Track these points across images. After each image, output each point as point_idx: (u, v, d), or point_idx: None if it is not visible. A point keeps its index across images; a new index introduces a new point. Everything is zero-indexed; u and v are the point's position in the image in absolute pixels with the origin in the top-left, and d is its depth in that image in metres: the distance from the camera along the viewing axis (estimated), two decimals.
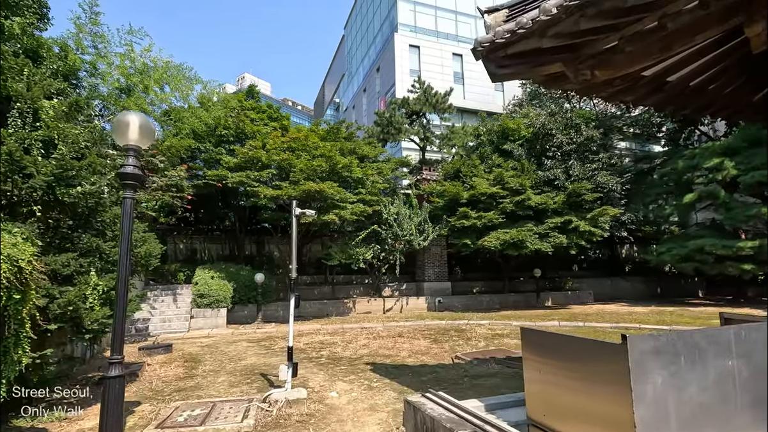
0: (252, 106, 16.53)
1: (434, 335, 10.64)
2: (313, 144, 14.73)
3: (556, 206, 16.49)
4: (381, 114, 20.97)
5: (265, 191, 12.97)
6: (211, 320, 13.01)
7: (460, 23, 32.64)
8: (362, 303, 16.92)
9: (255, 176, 13.41)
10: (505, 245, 15.75)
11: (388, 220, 16.91)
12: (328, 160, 14.46)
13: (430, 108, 21.14)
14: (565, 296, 20.48)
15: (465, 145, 21.30)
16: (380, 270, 17.75)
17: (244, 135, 15.00)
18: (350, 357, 8.16)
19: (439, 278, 19.00)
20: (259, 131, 15.13)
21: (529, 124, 18.92)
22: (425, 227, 17.52)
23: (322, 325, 12.84)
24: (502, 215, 16.31)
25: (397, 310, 17.25)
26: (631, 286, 24.13)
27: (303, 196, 13.43)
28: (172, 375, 6.85)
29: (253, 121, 15.71)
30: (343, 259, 15.85)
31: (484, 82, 31.66)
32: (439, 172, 20.03)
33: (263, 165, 13.80)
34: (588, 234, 16.19)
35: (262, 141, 14.37)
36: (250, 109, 16.30)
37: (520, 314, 15.04)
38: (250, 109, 16.27)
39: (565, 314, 14.82)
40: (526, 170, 17.36)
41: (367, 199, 15.54)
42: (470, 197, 16.99)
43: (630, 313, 14.87)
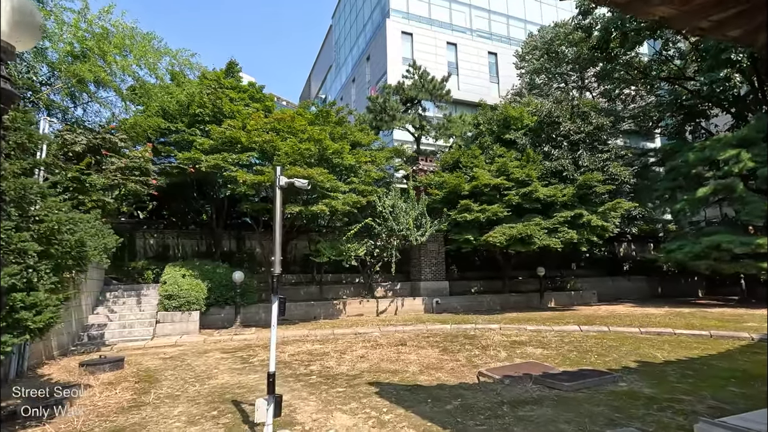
0: (232, 85, 14.77)
1: (442, 343, 9.14)
2: (300, 127, 13.09)
3: (565, 199, 15.19)
4: (374, 99, 19.40)
5: (245, 177, 11.27)
6: (180, 325, 11.26)
7: (455, 11, 31.30)
8: (353, 304, 15.34)
9: (233, 159, 11.70)
10: (511, 241, 14.37)
11: (382, 213, 15.37)
12: (317, 144, 12.84)
13: (426, 95, 19.68)
14: (569, 296, 19.27)
15: (463, 134, 19.91)
16: (373, 268, 16.19)
17: (222, 115, 13.25)
18: (347, 374, 6.59)
19: (436, 277, 17.54)
20: (239, 111, 13.40)
21: (534, 112, 17.60)
22: (423, 221, 16.03)
23: (310, 330, 11.23)
24: (507, 208, 14.93)
25: (392, 312, 15.72)
26: (633, 286, 23.14)
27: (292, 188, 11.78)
28: (114, 404, 5.17)
29: (233, 101, 13.97)
30: (333, 255, 14.24)
31: (479, 73, 30.43)
32: (437, 162, 18.57)
33: (243, 147, 12.10)
34: (600, 229, 14.94)
35: (242, 121, 12.65)
36: (230, 88, 14.54)
37: (529, 317, 13.68)
38: (229, 88, 14.51)
39: (578, 317, 13.52)
40: (531, 160, 16.03)
41: (360, 189, 13.97)
42: (472, 189, 15.57)
43: (646, 315, 13.65)
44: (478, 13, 32.11)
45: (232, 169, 11.55)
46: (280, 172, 4.29)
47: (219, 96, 13.19)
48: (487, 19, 32.49)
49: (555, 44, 22.96)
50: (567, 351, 7.95)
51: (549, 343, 8.75)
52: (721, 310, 14.78)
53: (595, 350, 7.95)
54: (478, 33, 31.82)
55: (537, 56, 24.03)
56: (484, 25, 32.32)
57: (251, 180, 11.42)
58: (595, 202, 15.65)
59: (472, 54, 30.10)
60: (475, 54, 30.37)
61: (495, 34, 32.54)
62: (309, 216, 13.88)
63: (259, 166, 12.31)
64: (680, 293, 23.98)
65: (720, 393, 5.15)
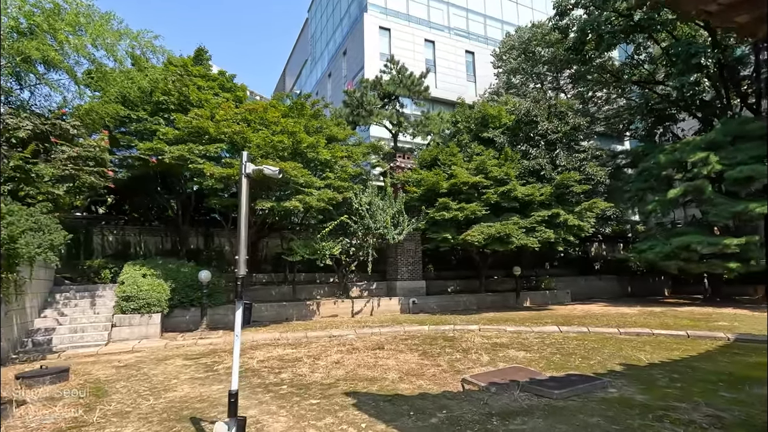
0: (200, 73, 13.88)
1: (421, 346, 8.75)
2: (273, 118, 12.41)
3: (542, 198, 15.13)
4: (351, 93, 18.84)
5: (213, 169, 10.53)
6: (139, 329, 10.42)
7: (433, 9, 31.08)
8: (327, 305, 14.78)
9: (200, 151, 10.92)
10: (489, 240, 14.17)
11: (359, 210, 14.87)
12: (291, 137, 12.21)
13: (404, 90, 19.28)
14: (543, 296, 19.34)
15: (441, 132, 19.65)
16: (348, 267, 15.67)
17: (188, 104, 12.40)
18: (322, 382, 6.08)
19: (413, 277, 17.19)
20: (208, 100, 12.59)
21: (512, 111, 17.51)
22: (400, 219, 15.63)
23: (282, 332, 10.62)
24: (485, 207, 14.73)
25: (368, 313, 15.25)
26: (605, 285, 23.55)
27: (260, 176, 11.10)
28: (50, 425, 4.49)
29: (201, 89, 13.12)
30: (306, 254, 13.63)
31: (457, 72, 30.34)
32: (415, 160, 18.23)
33: (211, 138, 11.33)
34: (576, 229, 14.96)
35: (211, 111, 11.86)
36: (198, 76, 13.66)
37: (507, 317, 13.51)
38: (197, 76, 13.64)
39: (556, 317, 13.45)
40: (510, 159, 15.91)
41: (336, 185, 13.44)
42: (450, 187, 15.30)
43: (621, 314, 13.74)
44: (456, 11, 32.01)
45: (198, 161, 10.78)
46: (247, 158, 3.72)
47: (185, 83, 12.34)
48: (464, 18, 32.44)
49: (532, 44, 23.05)
50: (550, 354, 7.71)
51: (531, 346, 8.50)
52: (689, 309, 15.09)
53: (579, 353, 7.74)
54: (455, 31, 31.73)
55: (514, 56, 24.08)
56: (461, 24, 32.26)
57: (219, 173, 10.68)
58: (572, 201, 15.69)
59: (450, 52, 29.97)
60: (452, 52, 30.25)
61: (472, 33, 32.54)
62: (282, 213, 13.25)
63: (229, 158, 11.56)
64: (648, 292, 24.62)
65: (713, 399, 4.95)
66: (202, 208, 16.32)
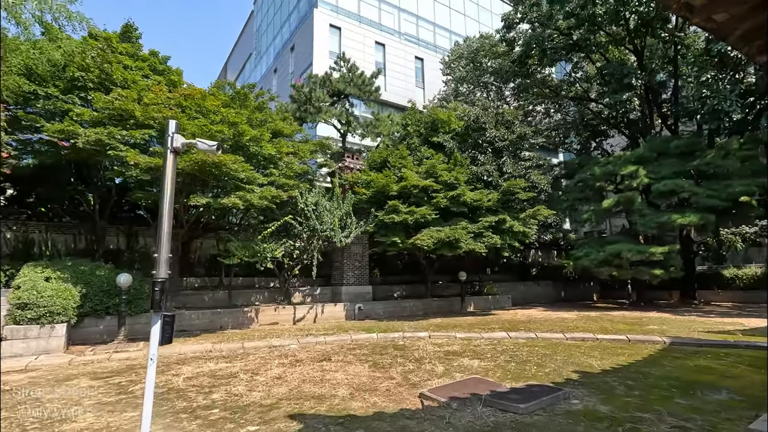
0: (127, 51, 12.34)
1: (371, 356, 8.17)
2: (212, 107, 11.27)
3: (490, 204, 15.26)
4: (299, 88, 17.93)
5: (138, 158, 9.21)
6: (38, 342, 8.81)
7: (384, 12, 30.95)
8: (267, 312, 13.71)
9: (123, 136, 9.54)
10: (438, 245, 13.96)
11: (305, 211, 14.01)
12: (232, 128, 11.16)
13: (354, 89, 18.73)
14: (486, 301, 19.61)
15: (391, 134, 19.33)
16: (291, 271, 14.70)
17: (111, 83, 10.88)
18: (261, 403, 5.28)
19: (359, 282, 16.58)
20: (135, 81, 11.15)
21: (461, 117, 17.62)
22: (348, 222, 14.98)
23: (215, 343, 9.53)
24: (435, 211, 14.54)
25: (311, 320, 14.39)
26: (542, 290, 24.51)
27: (194, 169, 9.96)
28: None
29: (128, 69, 11.63)
30: (245, 256, 12.53)
31: (406, 77, 30.39)
32: (364, 161, 17.70)
33: (138, 123, 9.96)
34: (521, 235, 15.25)
35: (138, 93, 10.48)
36: (125, 54, 12.11)
37: (455, 322, 13.34)
38: (124, 54, 12.08)
39: (502, 322, 13.51)
40: (459, 164, 15.91)
41: (281, 183, 12.52)
42: (400, 190, 14.95)
43: (561, 319, 14.13)
44: (407, 17, 32.16)
45: (120, 147, 9.39)
46: (175, 128, 2.94)
47: (108, 60, 10.82)
48: (415, 24, 32.68)
49: (480, 55, 23.60)
50: (504, 362, 7.47)
51: (484, 353, 8.25)
52: (621, 314, 15.93)
53: (533, 360, 7.59)
54: (406, 36, 31.84)
55: (463, 65, 24.54)
56: (412, 30, 32.46)
57: (146, 163, 9.38)
58: (517, 208, 16.01)
59: (400, 56, 29.97)
60: (402, 57, 30.28)
61: (422, 39, 32.87)
62: (219, 210, 12.09)
63: (159, 148, 10.26)
64: (580, 297, 26.04)
65: (671, 407, 4.87)
66: (126, 203, 14.61)
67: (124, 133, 9.56)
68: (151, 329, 2.68)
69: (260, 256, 12.78)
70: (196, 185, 11.23)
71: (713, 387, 5.72)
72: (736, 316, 14.71)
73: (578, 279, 26.52)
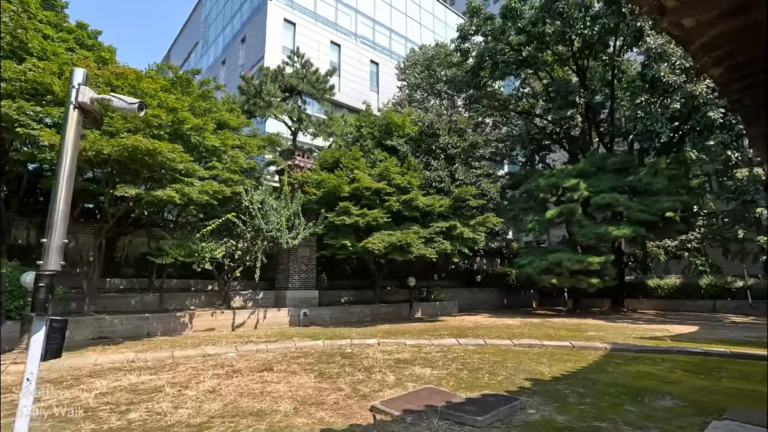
0: (50, 20, 10.89)
1: (317, 365, 7.61)
2: (149, 90, 10.17)
3: (442, 209, 15.25)
4: (249, 80, 16.96)
5: (53, 138, 8.01)
6: None
7: (341, 12, 30.53)
8: (204, 317, 12.62)
9: (37, 113, 8.27)
10: (389, 249, 13.66)
11: (249, 209, 13.14)
12: (171, 114, 10.16)
13: (308, 86, 18.09)
14: (434, 307, 19.61)
15: (344, 135, 18.86)
16: (232, 274, 13.70)
17: (25, 52, 9.48)
18: (189, 422, 4.58)
19: (305, 286, 15.85)
20: (57, 53, 9.80)
21: (416, 122, 17.58)
22: (296, 222, 14.28)
23: (139, 352, 8.48)
24: (387, 215, 14.25)
25: (252, 326, 13.46)
26: (486, 297, 25.06)
27: (123, 156, 8.87)
28: None
29: (49, 39, 10.22)
30: (181, 256, 11.44)
31: (361, 80, 30.12)
32: (315, 160, 17.07)
33: (56, 100, 8.71)
34: (471, 242, 15.37)
35: (59, 67, 9.20)
36: (46, 23, 10.67)
37: (404, 329, 13.07)
38: (45, 23, 10.64)
39: (450, 328, 13.44)
40: (413, 168, 15.78)
41: (224, 177, 11.62)
42: (353, 191, 14.51)
43: (507, 326, 14.35)
44: (364, 20, 31.97)
45: (33, 125, 8.12)
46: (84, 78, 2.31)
47: (24, 25, 9.43)
48: (371, 28, 32.56)
49: (435, 63, 23.88)
50: (456, 370, 7.24)
51: (435, 361, 7.98)
52: (561, 320, 16.53)
53: (484, 367, 7.43)
54: (362, 39, 31.61)
55: (418, 71, 24.71)
56: (368, 33, 32.30)
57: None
58: (467, 215, 16.17)
59: (355, 59, 29.66)
60: (357, 59, 29.99)
61: (378, 44, 32.80)
62: (152, 205, 10.93)
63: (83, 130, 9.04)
64: (521, 303, 26.98)
65: (625, 415, 4.83)
66: (39, 192, 12.88)
67: (39, 109, 8.30)
68: (30, 339, 2.03)
69: (198, 256, 11.75)
70: (126, 175, 10.06)
71: (658, 393, 5.83)
72: (661, 323, 15.78)
73: (519, 287, 27.50)
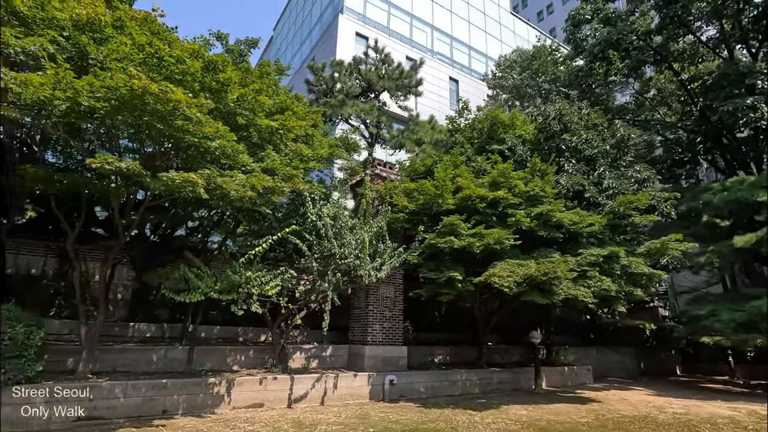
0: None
1: None
2: (191, 69, 6.78)
3: (593, 229, 10.23)
4: (318, 70, 13.73)
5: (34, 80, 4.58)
6: None
7: (416, 29, 27.84)
8: (248, 385, 8.41)
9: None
10: (523, 286, 8.83)
11: (316, 225, 9.14)
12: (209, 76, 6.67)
13: (389, 83, 14.53)
14: (561, 374, 14.01)
15: (433, 141, 14.80)
16: (291, 320, 9.51)
17: None
18: None
19: (390, 339, 11.26)
20: None
21: (533, 117, 13.11)
22: (380, 248, 10.02)
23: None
24: (515, 235, 9.56)
25: (317, 401, 9.02)
26: (618, 359, 18.68)
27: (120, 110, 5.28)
28: None
29: None
30: (215, 292, 7.56)
31: (440, 98, 26.65)
32: (400, 171, 13.08)
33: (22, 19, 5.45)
34: (644, 279, 10.04)
35: None
36: None
37: (548, 417, 7.90)
38: None
39: (614, 418, 8.02)
40: (540, 172, 11.13)
41: (283, 173, 7.78)
42: (459, 203, 10.13)
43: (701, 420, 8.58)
44: (440, 37, 29.02)
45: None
46: None
47: None
48: (449, 45, 29.48)
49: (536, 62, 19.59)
50: None
51: None
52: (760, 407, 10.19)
53: None
54: (439, 56, 28.49)
55: (517, 72, 20.54)
56: (445, 50, 29.20)
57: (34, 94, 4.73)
58: (629, 240, 10.94)
59: (434, 75, 26.34)
60: (436, 76, 26.66)
61: (456, 61, 29.51)
62: (166, 199, 7.24)
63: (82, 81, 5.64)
64: (662, 370, 20.05)
65: None
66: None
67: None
68: None
69: (241, 291, 7.79)
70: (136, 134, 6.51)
71: None
72: None
73: (657, 346, 20.71)
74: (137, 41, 5.65)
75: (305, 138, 9.43)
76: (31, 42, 5.20)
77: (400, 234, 11.38)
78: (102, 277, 7.88)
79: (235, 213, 8.11)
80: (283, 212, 10.03)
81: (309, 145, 9.48)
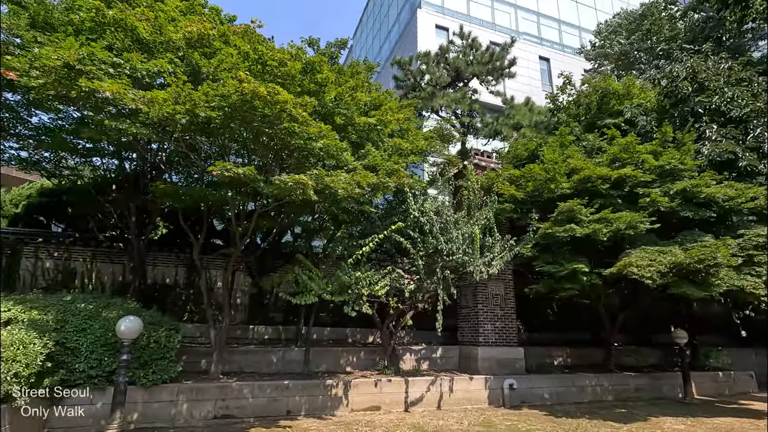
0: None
1: None
2: (288, 71, 6.84)
3: (755, 204, 8.36)
4: (405, 64, 13.43)
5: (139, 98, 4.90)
6: None
7: (498, 11, 26.36)
8: (364, 387, 8.28)
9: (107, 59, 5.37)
10: (669, 276, 7.43)
11: (419, 221, 8.74)
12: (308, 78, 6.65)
13: (479, 68, 13.68)
14: (714, 381, 11.81)
15: (534, 124, 13.57)
16: (401, 320, 9.23)
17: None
18: None
19: (503, 340, 10.43)
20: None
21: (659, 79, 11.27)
22: (488, 241, 9.29)
23: None
24: (650, 218, 8.16)
25: (433, 404, 8.60)
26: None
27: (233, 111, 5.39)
28: None
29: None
30: (327, 292, 7.55)
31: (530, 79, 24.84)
32: (500, 158, 12.18)
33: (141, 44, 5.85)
34: None
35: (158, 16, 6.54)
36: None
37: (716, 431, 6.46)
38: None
39: None
40: (675, 143, 9.45)
41: (381, 168, 7.50)
42: (575, 186, 8.98)
43: None
44: (525, 15, 27.11)
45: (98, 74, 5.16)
46: None
47: None
48: (536, 23, 27.41)
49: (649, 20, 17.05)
50: None
51: None
52: None
53: None
54: (525, 36, 26.59)
55: (624, 37, 18.16)
56: (532, 29, 27.19)
57: (159, 111, 5.05)
58: None
59: (522, 57, 24.54)
60: (523, 57, 24.86)
61: (546, 39, 27.29)
62: (276, 199, 7.33)
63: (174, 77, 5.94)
64: None
65: None
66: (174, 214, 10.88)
67: (108, 56, 5.39)
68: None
69: (351, 292, 7.68)
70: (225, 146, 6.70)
71: None
72: None
73: None
74: (242, 49, 5.80)
75: (400, 133, 9.14)
76: (153, 65, 5.56)
77: (506, 226, 10.52)
78: (224, 283, 8.37)
79: (339, 213, 8.04)
80: (381, 211, 9.84)
81: (405, 139, 9.16)
